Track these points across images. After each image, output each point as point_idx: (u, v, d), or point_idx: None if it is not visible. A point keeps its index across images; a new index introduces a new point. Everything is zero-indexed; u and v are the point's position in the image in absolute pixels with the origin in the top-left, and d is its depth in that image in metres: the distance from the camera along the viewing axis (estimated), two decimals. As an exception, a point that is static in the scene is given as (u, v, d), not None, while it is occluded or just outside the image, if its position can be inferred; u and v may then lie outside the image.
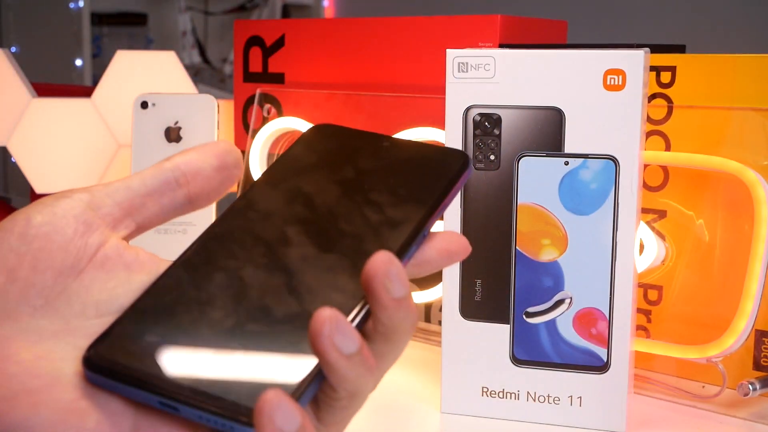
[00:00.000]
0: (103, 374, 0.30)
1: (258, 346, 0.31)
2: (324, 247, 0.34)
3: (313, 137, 0.39)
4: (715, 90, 0.64)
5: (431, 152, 0.38)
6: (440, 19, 0.80)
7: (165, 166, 0.35)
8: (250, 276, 0.33)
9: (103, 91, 0.95)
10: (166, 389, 0.30)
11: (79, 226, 0.33)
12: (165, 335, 0.32)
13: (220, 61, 2.95)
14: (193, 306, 0.32)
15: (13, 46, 2.14)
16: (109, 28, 2.73)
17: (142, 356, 0.31)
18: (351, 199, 0.36)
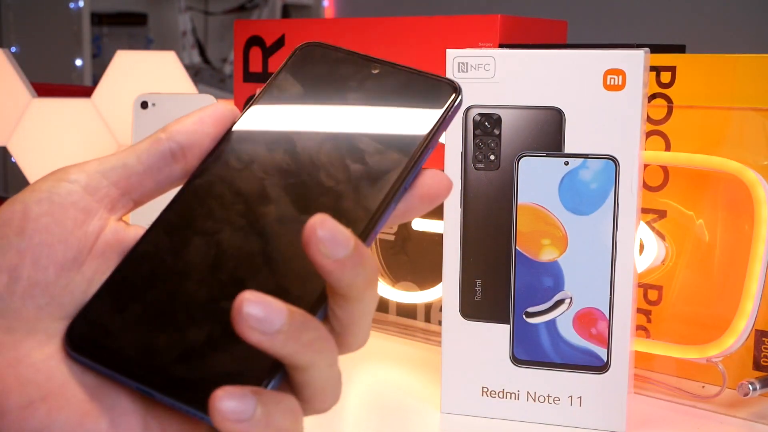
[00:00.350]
0: (84, 356, 0.30)
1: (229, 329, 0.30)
2: (303, 207, 0.33)
3: (300, 62, 0.37)
4: (715, 90, 0.64)
5: (421, 83, 0.36)
6: (440, 19, 0.80)
7: (161, 138, 0.34)
8: (226, 242, 0.32)
9: (103, 91, 0.95)
10: (140, 376, 0.30)
11: (78, 215, 0.32)
12: (140, 314, 0.31)
13: (220, 61, 2.95)
14: (168, 280, 0.32)
15: (13, 46, 2.14)
16: (109, 28, 2.73)
17: (118, 337, 0.30)
18: (334, 145, 0.34)
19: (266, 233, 0.32)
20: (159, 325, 0.31)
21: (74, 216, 0.32)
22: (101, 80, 0.95)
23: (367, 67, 0.36)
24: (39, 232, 0.31)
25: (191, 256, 0.32)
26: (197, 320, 0.31)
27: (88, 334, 0.31)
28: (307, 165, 0.34)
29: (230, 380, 0.29)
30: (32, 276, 0.30)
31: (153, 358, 0.30)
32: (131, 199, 0.34)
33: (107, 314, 0.31)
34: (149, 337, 0.31)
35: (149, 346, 0.30)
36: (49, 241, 0.31)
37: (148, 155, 0.34)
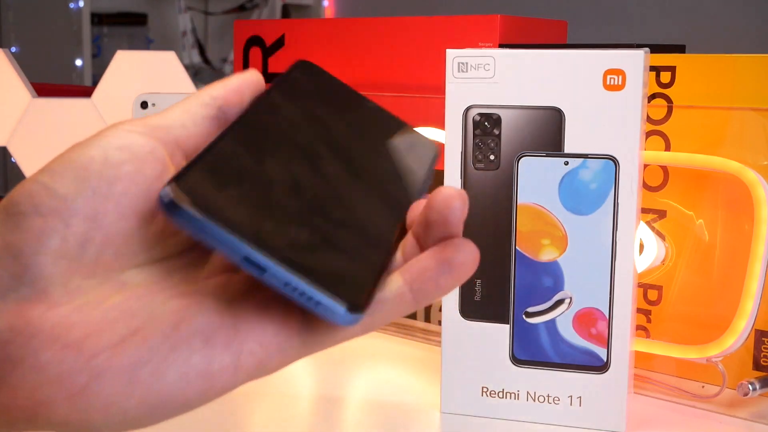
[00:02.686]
0: (188, 209, 0.27)
1: (340, 218, 0.31)
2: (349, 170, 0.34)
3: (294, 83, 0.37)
4: (715, 90, 0.64)
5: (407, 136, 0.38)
6: (440, 19, 0.80)
7: (208, 103, 0.33)
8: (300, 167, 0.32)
9: (103, 91, 0.95)
10: (254, 241, 0.27)
11: (157, 165, 0.31)
12: (255, 182, 0.30)
13: (220, 61, 2.95)
14: (270, 160, 0.31)
15: (13, 46, 2.14)
16: (109, 28, 2.73)
17: (231, 198, 0.28)
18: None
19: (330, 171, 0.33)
20: (276, 198, 0.30)
21: (153, 166, 0.31)
22: (101, 80, 0.95)
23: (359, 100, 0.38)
24: (121, 180, 0.30)
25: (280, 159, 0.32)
26: (308, 202, 0.30)
27: (195, 190, 0.28)
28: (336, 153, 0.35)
29: (360, 269, 0.29)
30: (113, 225, 0.30)
31: (275, 226, 0.28)
32: (185, 160, 0.33)
33: (219, 176, 0.29)
34: (266, 206, 0.29)
35: (268, 215, 0.29)
36: (132, 189, 0.30)
37: (201, 119, 0.33)
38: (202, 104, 0.34)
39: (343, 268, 0.29)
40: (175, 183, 0.28)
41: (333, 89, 0.37)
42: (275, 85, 0.36)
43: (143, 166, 0.30)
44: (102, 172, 0.30)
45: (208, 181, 0.29)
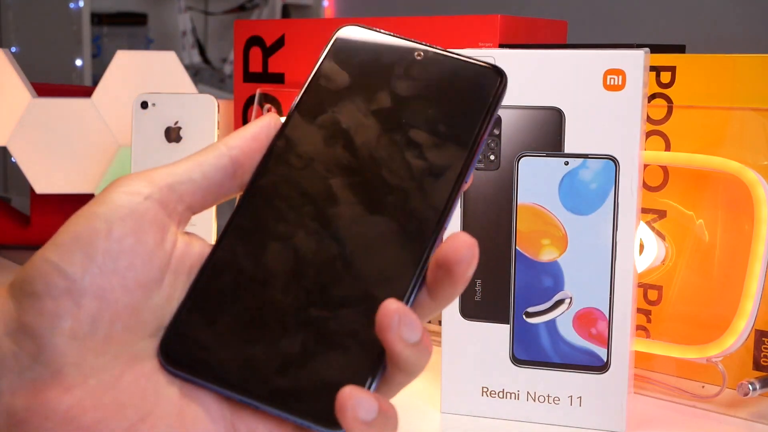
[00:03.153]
0: (181, 370, 0.31)
1: (322, 334, 0.31)
2: (370, 206, 0.33)
3: (341, 50, 0.36)
4: (715, 90, 0.64)
5: (466, 70, 0.35)
6: (440, 19, 0.80)
7: (223, 154, 0.34)
8: (303, 246, 0.32)
9: (103, 91, 0.95)
10: (242, 388, 0.30)
11: (157, 233, 0.32)
12: (231, 324, 0.31)
13: (220, 61, 2.95)
14: (253, 288, 0.32)
15: (13, 46, 2.14)
16: (109, 28, 2.73)
17: (215, 350, 0.31)
18: (391, 141, 0.34)
19: (340, 233, 0.32)
20: (256, 336, 0.31)
21: (154, 234, 0.32)
22: (101, 80, 0.95)
23: (410, 52, 0.36)
24: (125, 254, 0.31)
25: (271, 262, 0.32)
26: (292, 329, 0.31)
27: (185, 348, 0.31)
28: (367, 161, 0.34)
29: (333, 387, 0.30)
30: (120, 299, 0.30)
31: (256, 370, 0.31)
32: (192, 212, 0.34)
33: (199, 326, 0.31)
34: (248, 349, 0.31)
35: (250, 359, 0.31)
36: (135, 263, 0.31)
37: (213, 171, 0.34)
38: (217, 155, 0.34)
39: (333, 387, 0.30)
40: (165, 341, 0.31)
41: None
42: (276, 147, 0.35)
43: (145, 237, 0.31)
44: (107, 248, 0.31)
45: (193, 334, 0.31)
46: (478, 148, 0.34)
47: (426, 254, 0.32)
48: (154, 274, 0.31)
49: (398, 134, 0.34)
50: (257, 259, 0.32)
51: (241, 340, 0.31)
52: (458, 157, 0.33)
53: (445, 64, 0.35)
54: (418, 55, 0.35)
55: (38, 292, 0.30)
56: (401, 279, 0.32)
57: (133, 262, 0.31)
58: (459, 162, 0.33)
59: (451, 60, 0.35)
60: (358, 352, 0.31)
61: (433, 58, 0.35)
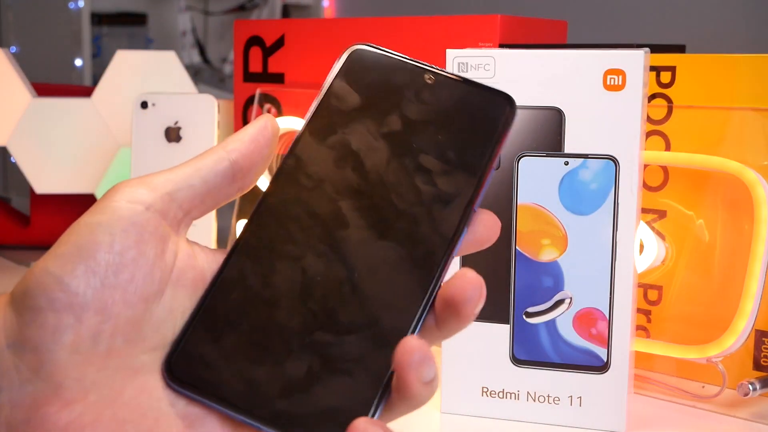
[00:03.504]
0: (185, 388, 0.31)
1: (329, 359, 0.31)
2: (379, 231, 0.33)
3: (352, 69, 0.36)
4: (715, 90, 0.64)
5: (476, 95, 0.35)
6: (440, 19, 0.80)
7: (222, 157, 0.34)
8: (312, 268, 0.32)
9: (103, 91, 0.95)
10: (246, 409, 0.30)
11: (158, 245, 0.32)
12: (237, 344, 0.31)
13: (220, 61, 2.95)
14: (261, 308, 0.32)
15: (13, 46, 2.14)
16: (109, 28, 2.73)
17: (219, 369, 0.31)
18: (402, 166, 0.34)
19: (348, 257, 0.32)
20: (258, 357, 0.31)
21: (155, 246, 0.31)
22: (101, 80, 0.95)
23: (420, 75, 0.36)
24: (126, 267, 0.31)
25: (279, 284, 0.32)
26: (298, 352, 0.31)
27: (190, 366, 0.31)
28: (376, 185, 0.34)
29: (338, 412, 0.30)
30: (122, 313, 0.30)
31: (260, 391, 0.30)
32: (192, 218, 0.34)
33: (205, 344, 0.31)
34: (253, 370, 0.31)
35: (251, 378, 0.31)
36: (137, 276, 0.31)
37: (212, 176, 0.34)
38: (216, 160, 0.34)
39: (336, 412, 0.30)
40: (170, 358, 0.31)
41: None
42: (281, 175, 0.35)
43: (147, 249, 0.31)
44: (109, 261, 0.30)
45: (198, 352, 0.31)
46: (487, 175, 0.34)
47: (434, 283, 0.32)
48: (155, 287, 0.31)
49: (408, 159, 0.34)
50: (265, 279, 0.32)
51: (247, 361, 0.31)
52: (467, 185, 0.33)
53: (455, 89, 0.35)
54: (429, 78, 0.36)
55: (40, 306, 0.29)
56: (409, 307, 0.32)
57: (134, 275, 0.31)
58: (468, 189, 0.33)
59: (461, 85, 0.35)
60: (363, 379, 0.31)
61: (443, 82, 0.36)
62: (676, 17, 1.01)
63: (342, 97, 0.35)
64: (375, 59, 0.36)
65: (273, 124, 0.35)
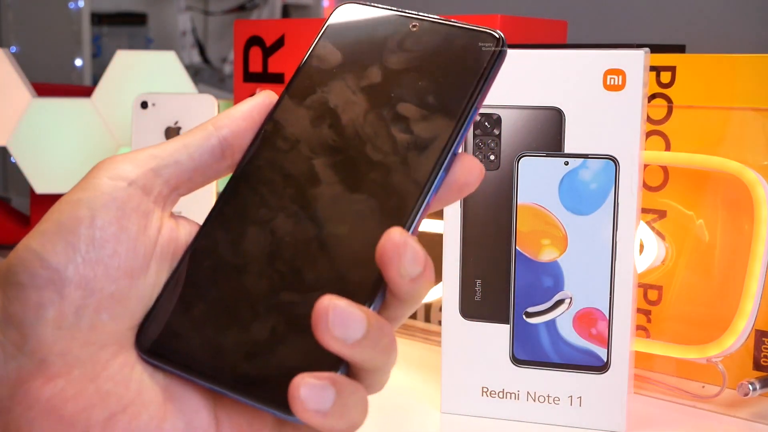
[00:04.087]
0: (156, 359, 0.31)
1: (291, 322, 0.31)
2: (353, 186, 0.32)
3: (337, 26, 0.36)
4: (715, 90, 0.64)
5: (462, 37, 0.35)
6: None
7: (211, 134, 0.34)
8: (283, 231, 0.32)
9: (103, 91, 0.95)
10: (213, 377, 0.30)
11: (141, 220, 0.32)
12: (206, 312, 0.31)
13: (220, 61, 2.94)
14: (227, 277, 0.32)
15: (13, 46, 2.14)
16: (109, 28, 2.72)
17: (188, 339, 0.31)
18: (378, 115, 0.33)
19: (320, 217, 0.32)
20: (225, 324, 0.31)
21: (137, 221, 0.31)
22: (101, 80, 0.95)
23: (405, 24, 0.35)
24: (108, 242, 0.31)
25: (250, 249, 0.32)
26: (263, 316, 0.31)
27: (158, 337, 0.31)
28: (352, 139, 0.33)
29: (295, 372, 0.29)
30: (105, 288, 0.30)
31: (223, 358, 0.31)
32: (179, 194, 0.34)
33: (174, 315, 0.31)
34: (217, 337, 0.31)
35: (218, 346, 0.31)
36: (119, 250, 0.31)
37: (199, 152, 0.33)
38: (204, 136, 0.34)
39: (298, 368, 0.29)
40: (141, 330, 0.31)
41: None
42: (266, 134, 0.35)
43: (129, 224, 0.31)
44: (90, 237, 0.30)
45: (165, 323, 0.31)
46: (468, 114, 0.33)
47: (409, 225, 0.31)
48: (139, 261, 0.31)
49: (388, 108, 0.33)
50: (235, 244, 0.32)
51: (214, 329, 0.31)
52: (446, 126, 0.33)
53: (440, 33, 0.35)
54: (414, 26, 0.35)
55: (22, 283, 0.30)
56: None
57: (116, 250, 0.31)
58: (447, 131, 0.33)
59: (447, 28, 0.35)
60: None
61: (428, 28, 0.35)
62: (676, 17, 1.01)
63: (323, 57, 0.35)
64: (359, 15, 0.36)
65: (271, 99, 0.35)
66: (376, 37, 0.35)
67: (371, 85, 0.34)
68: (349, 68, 0.35)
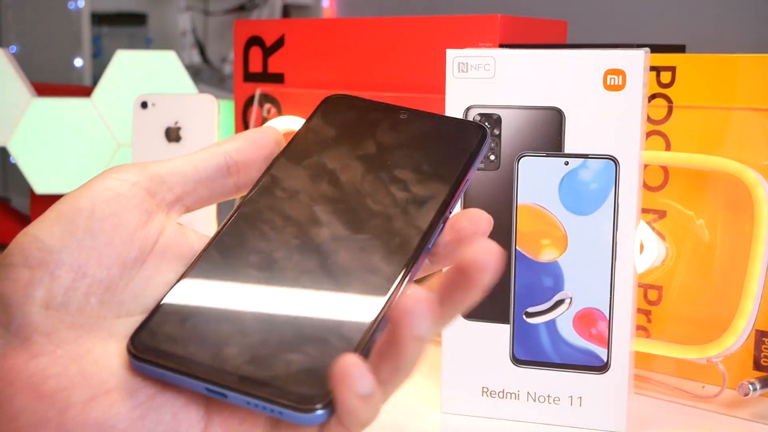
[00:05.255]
0: (147, 363, 0.30)
1: (300, 329, 0.31)
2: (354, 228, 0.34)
3: (328, 112, 0.38)
4: (715, 90, 0.64)
5: (449, 127, 0.37)
6: (440, 19, 0.80)
7: (217, 152, 0.35)
8: (283, 259, 0.33)
9: (103, 91, 0.95)
10: (210, 376, 0.30)
11: (141, 216, 0.32)
12: (205, 319, 0.32)
13: (220, 61, 2.94)
14: (230, 289, 0.32)
15: (13, 46, 2.14)
16: (109, 28, 2.72)
17: (183, 342, 0.31)
18: (372, 186, 0.35)
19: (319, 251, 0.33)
20: (228, 329, 0.31)
21: (137, 217, 0.32)
22: (101, 80, 0.95)
23: (396, 112, 0.37)
24: (105, 232, 0.31)
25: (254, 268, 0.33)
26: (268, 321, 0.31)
27: (152, 343, 0.31)
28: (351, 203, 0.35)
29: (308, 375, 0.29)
30: (96, 274, 0.31)
31: (226, 359, 0.30)
32: (184, 205, 0.35)
33: (172, 323, 0.31)
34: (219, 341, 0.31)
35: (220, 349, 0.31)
36: (115, 240, 0.32)
37: (205, 165, 0.35)
38: (210, 152, 0.35)
39: (307, 369, 0.30)
40: (134, 338, 0.31)
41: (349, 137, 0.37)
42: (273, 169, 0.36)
43: (127, 218, 0.32)
44: (88, 226, 0.31)
45: (164, 327, 0.31)
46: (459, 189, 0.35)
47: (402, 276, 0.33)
48: (134, 253, 0.32)
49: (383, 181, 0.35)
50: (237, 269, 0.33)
51: (211, 333, 0.31)
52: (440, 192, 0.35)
53: (428, 122, 0.37)
54: (403, 114, 0.37)
55: (14, 262, 0.30)
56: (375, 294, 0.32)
57: (112, 240, 0.31)
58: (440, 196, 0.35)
59: (436, 118, 0.37)
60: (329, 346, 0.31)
61: (417, 116, 0.37)
62: (676, 17, 1.01)
63: (318, 132, 0.37)
64: (350, 103, 0.38)
65: (274, 131, 0.36)
66: (367, 121, 0.37)
67: (365, 160, 0.36)
68: (345, 145, 0.36)
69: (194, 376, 0.30)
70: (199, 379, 0.30)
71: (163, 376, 0.30)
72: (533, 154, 0.57)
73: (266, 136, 0.36)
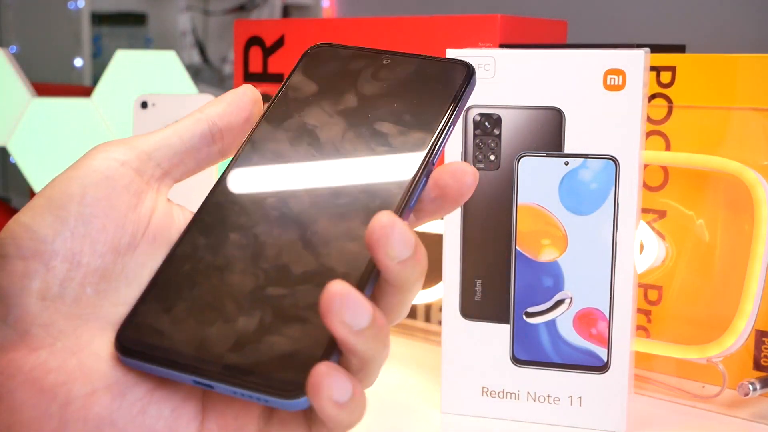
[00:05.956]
0: (134, 357, 0.30)
1: (281, 312, 0.30)
2: (334, 194, 0.33)
3: (311, 63, 0.38)
4: (715, 90, 0.64)
5: (433, 67, 0.36)
6: (440, 19, 0.80)
7: (200, 119, 0.35)
8: (265, 234, 0.33)
9: (103, 91, 0.95)
10: (195, 367, 0.30)
11: (132, 198, 0.32)
12: (188, 309, 0.31)
13: (220, 61, 2.94)
14: (213, 274, 0.32)
15: (13, 46, 2.14)
16: (109, 28, 2.72)
17: (167, 334, 0.30)
18: (357, 135, 0.35)
19: (308, 214, 0.33)
20: (211, 318, 0.31)
21: (128, 200, 0.32)
22: (101, 80, 0.95)
23: (378, 59, 0.37)
24: (97, 218, 0.31)
25: (235, 248, 0.32)
26: (253, 305, 0.31)
27: (138, 337, 0.30)
28: (338, 150, 0.34)
29: (291, 361, 0.29)
30: (91, 262, 0.31)
31: (211, 349, 0.30)
32: (173, 178, 0.34)
33: (156, 316, 0.31)
34: (205, 329, 0.30)
35: (206, 338, 0.30)
36: (107, 226, 0.31)
37: (190, 136, 0.34)
38: (194, 121, 0.35)
39: (290, 354, 0.29)
40: (120, 334, 0.30)
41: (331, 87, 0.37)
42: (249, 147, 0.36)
43: (118, 202, 0.32)
44: (79, 212, 0.31)
45: (148, 321, 0.31)
46: (445, 131, 0.34)
47: (398, 210, 0.33)
48: (127, 239, 0.32)
49: (366, 129, 0.35)
50: (221, 244, 0.33)
51: (198, 324, 0.31)
52: (424, 140, 0.34)
53: (412, 65, 0.37)
54: (386, 59, 0.37)
55: (8, 254, 0.30)
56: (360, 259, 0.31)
57: (105, 226, 0.31)
58: (424, 144, 0.34)
59: (419, 59, 0.37)
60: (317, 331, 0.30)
61: (400, 60, 0.37)
62: (676, 17, 1.01)
63: (299, 87, 0.37)
64: (332, 53, 0.38)
65: (252, 90, 0.36)
66: (349, 71, 0.37)
67: (349, 109, 0.36)
68: (325, 96, 0.36)
69: (181, 368, 0.30)
70: (185, 371, 0.30)
71: (152, 370, 0.30)
72: (533, 154, 0.57)
73: (245, 97, 0.36)
